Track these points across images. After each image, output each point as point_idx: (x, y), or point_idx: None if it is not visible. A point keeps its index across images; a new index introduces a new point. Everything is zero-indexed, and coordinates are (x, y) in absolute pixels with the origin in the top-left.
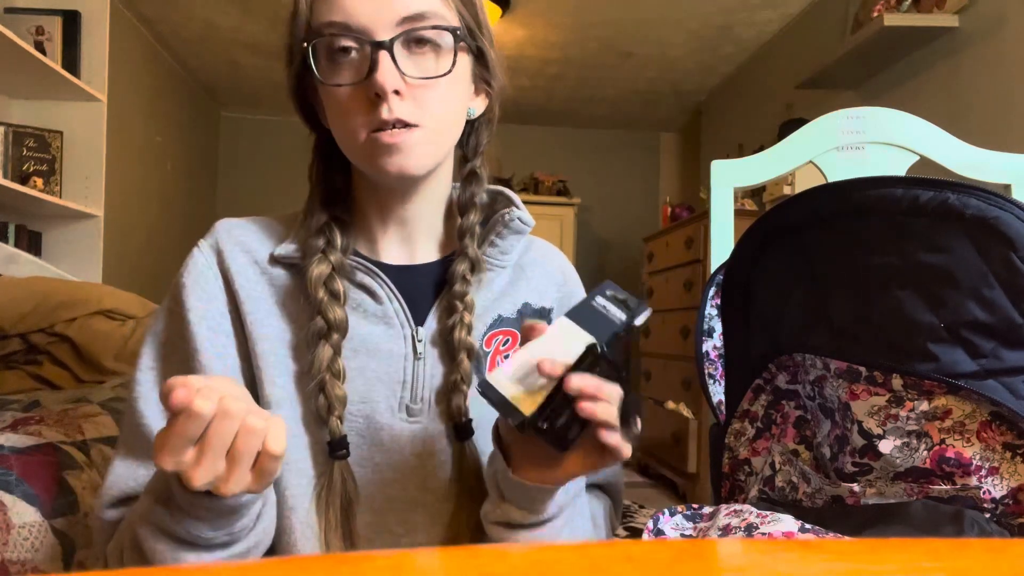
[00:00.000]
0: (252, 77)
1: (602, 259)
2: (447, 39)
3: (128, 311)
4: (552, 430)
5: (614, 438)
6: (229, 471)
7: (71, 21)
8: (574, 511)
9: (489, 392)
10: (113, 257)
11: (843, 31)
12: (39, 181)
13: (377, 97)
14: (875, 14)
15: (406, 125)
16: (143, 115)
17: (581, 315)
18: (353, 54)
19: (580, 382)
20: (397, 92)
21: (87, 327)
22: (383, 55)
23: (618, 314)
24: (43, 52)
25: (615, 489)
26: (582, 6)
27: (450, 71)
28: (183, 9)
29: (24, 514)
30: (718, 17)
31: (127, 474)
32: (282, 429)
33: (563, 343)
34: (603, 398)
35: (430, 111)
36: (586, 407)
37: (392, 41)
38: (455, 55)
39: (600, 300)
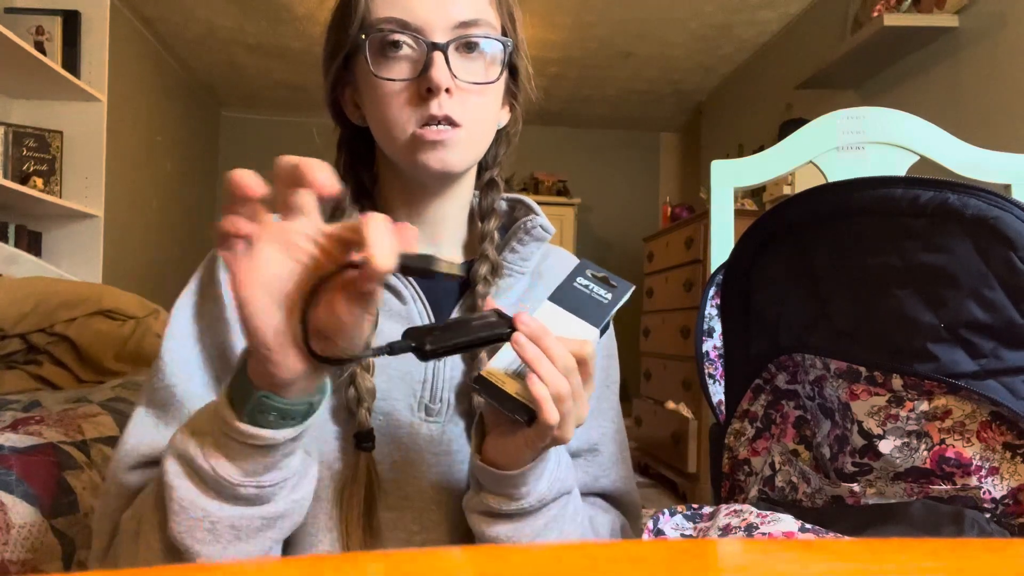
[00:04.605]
0: (252, 77)
1: (602, 259)
2: (497, 49)
3: (128, 311)
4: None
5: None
6: None
7: (71, 21)
8: (563, 512)
9: (488, 388)
10: (113, 257)
11: (843, 31)
12: (39, 181)
13: (429, 93)
14: (875, 14)
15: (451, 124)
16: (143, 115)
17: (566, 298)
18: (406, 51)
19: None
20: (448, 91)
21: (87, 327)
22: (438, 55)
23: (604, 294)
24: (43, 52)
25: (628, 503)
26: (582, 6)
27: (497, 80)
28: (183, 9)
29: (24, 514)
30: (718, 17)
31: (154, 436)
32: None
33: (555, 329)
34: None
35: (472, 114)
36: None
37: (448, 44)
38: (503, 66)
39: (582, 280)
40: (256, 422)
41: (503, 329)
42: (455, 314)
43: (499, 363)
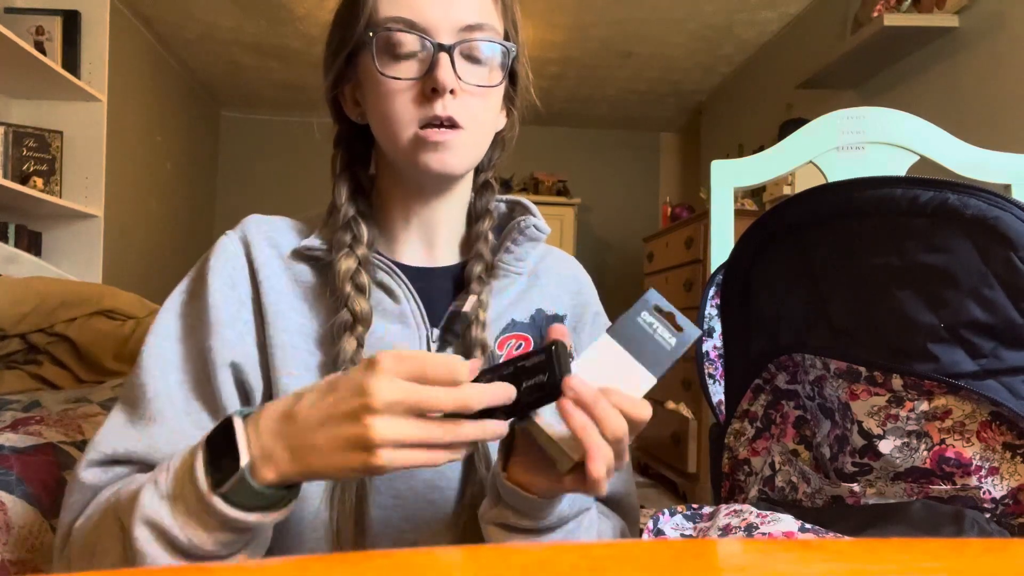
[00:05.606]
0: (252, 77)
1: (602, 259)
2: (500, 53)
3: (128, 311)
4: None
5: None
6: None
7: (71, 21)
8: (578, 526)
9: (536, 431)
10: (113, 257)
11: (843, 31)
12: (39, 181)
13: (433, 93)
14: (875, 14)
15: (453, 125)
16: (143, 115)
17: (627, 335)
18: (413, 50)
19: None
20: (452, 92)
21: (87, 327)
22: (444, 56)
23: (668, 338)
24: (43, 52)
25: (627, 506)
26: (582, 6)
27: (500, 83)
28: (183, 9)
29: (24, 514)
30: (718, 17)
31: (119, 434)
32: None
33: (610, 372)
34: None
35: (474, 116)
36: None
37: (454, 46)
38: (506, 70)
39: (647, 317)
40: (251, 510)
41: (552, 390)
42: (451, 307)
43: (549, 409)
